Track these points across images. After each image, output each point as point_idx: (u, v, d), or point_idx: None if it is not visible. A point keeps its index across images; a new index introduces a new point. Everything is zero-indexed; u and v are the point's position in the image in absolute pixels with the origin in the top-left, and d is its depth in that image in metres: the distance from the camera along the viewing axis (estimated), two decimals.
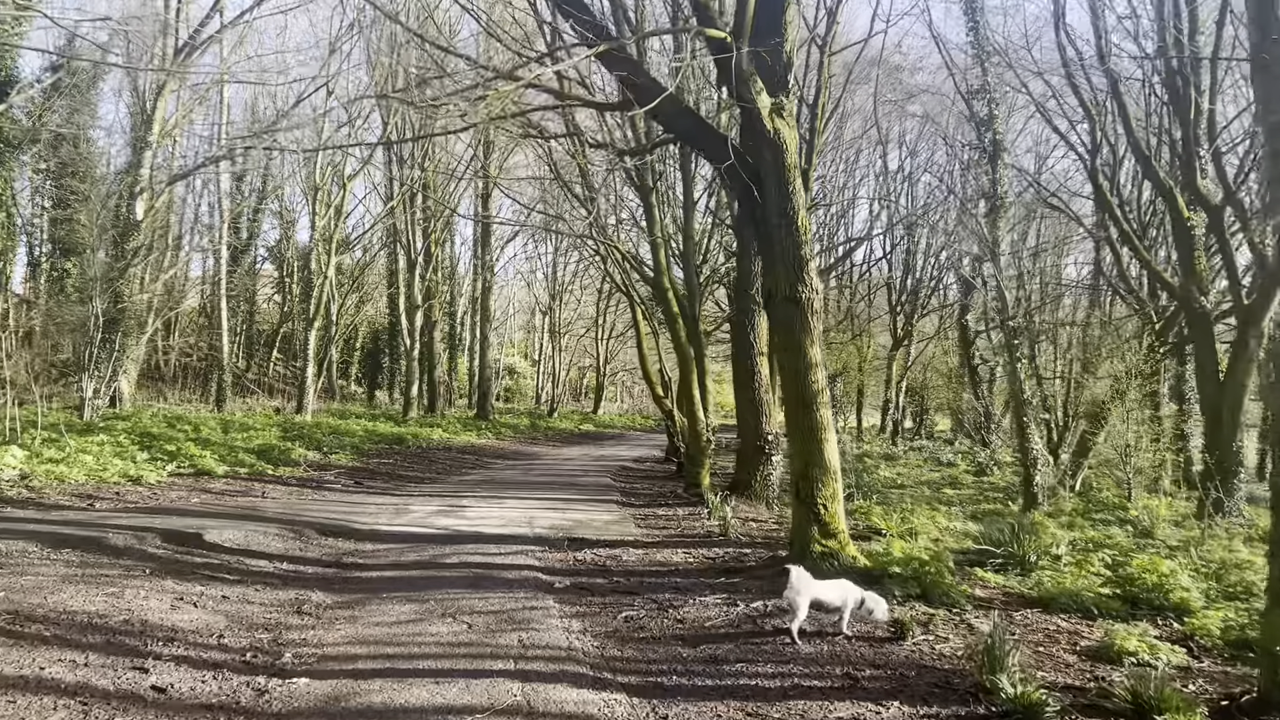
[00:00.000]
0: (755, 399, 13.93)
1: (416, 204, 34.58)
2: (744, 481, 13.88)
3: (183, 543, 8.80)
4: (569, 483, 17.74)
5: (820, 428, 8.32)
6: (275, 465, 16.81)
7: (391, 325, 44.83)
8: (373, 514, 11.90)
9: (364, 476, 16.93)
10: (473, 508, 13.03)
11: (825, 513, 8.24)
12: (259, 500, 12.75)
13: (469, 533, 10.64)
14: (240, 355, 48.19)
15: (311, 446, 20.24)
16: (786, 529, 11.81)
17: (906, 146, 37.35)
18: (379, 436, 24.82)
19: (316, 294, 29.81)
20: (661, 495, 16.04)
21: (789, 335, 8.42)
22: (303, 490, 14.25)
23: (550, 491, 15.86)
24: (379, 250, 45.74)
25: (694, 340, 16.81)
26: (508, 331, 62.70)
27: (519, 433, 34.56)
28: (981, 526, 13.12)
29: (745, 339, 14.10)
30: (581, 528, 11.39)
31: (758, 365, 14.02)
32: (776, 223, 8.41)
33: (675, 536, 11.01)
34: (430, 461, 21.20)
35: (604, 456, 26.46)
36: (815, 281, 8.45)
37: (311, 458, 18.69)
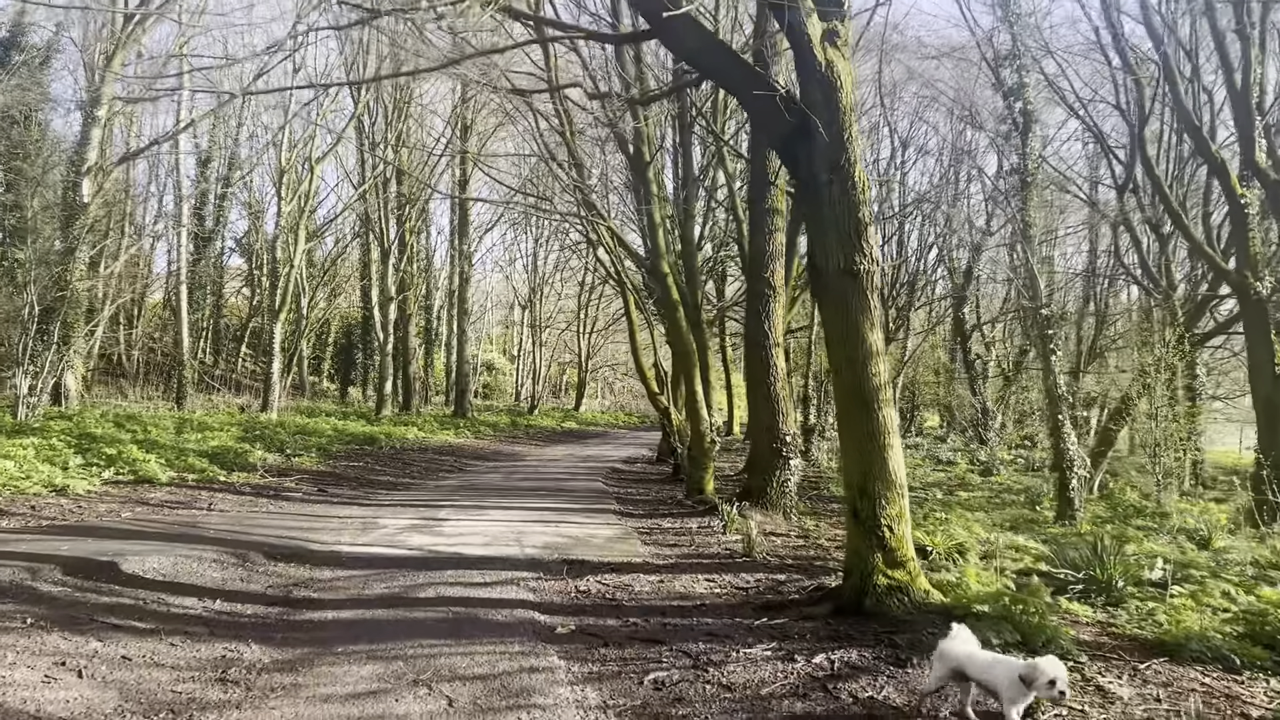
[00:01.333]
0: (770, 395, 12.35)
1: (390, 190, 32.72)
2: (758, 488, 12.29)
3: (91, 575, 7.08)
4: (557, 488, 16.09)
5: (882, 431, 6.75)
6: (229, 470, 15.06)
7: (365, 319, 42.96)
8: (335, 530, 10.21)
9: (329, 482, 15.21)
10: (452, 520, 11.36)
11: (891, 536, 6.67)
12: (203, 513, 11.02)
13: (448, 554, 8.99)
14: (207, 350, 46.14)
15: (273, 448, 18.48)
16: (816, 546, 10.26)
17: (926, 123, 35.65)
18: (349, 436, 23.07)
19: (283, 284, 27.94)
20: (662, 503, 14.44)
21: (843, 317, 6.83)
22: (257, 500, 12.51)
23: (538, 499, 14.22)
24: (351, 240, 43.88)
25: (696, 330, 15.23)
26: (486, 326, 60.87)
27: (499, 431, 32.86)
28: (1028, 539, 11.66)
29: (759, 327, 12.51)
30: (579, 546, 9.76)
31: (773, 357, 12.44)
32: (827, 179, 6.82)
33: (690, 557, 9.40)
34: (404, 464, 19.48)
35: (591, 457, 24.82)
36: (875, 250, 6.87)
37: (272, 461, 16.93)
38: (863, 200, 6.85)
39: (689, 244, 15.41)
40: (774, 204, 12.53)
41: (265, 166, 39.15)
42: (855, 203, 6.81)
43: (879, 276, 6.90)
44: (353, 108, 28.95)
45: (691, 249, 15.54)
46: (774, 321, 12.46)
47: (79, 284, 20.14)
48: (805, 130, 6.91)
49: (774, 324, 12.46)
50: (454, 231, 39.52)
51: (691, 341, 14.90)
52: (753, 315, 12.69)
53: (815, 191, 6.93)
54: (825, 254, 6.90)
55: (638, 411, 59.43)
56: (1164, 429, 18.39)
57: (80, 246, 20.71)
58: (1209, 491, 23.35)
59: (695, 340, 15.04)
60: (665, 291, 14.92)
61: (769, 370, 12.40)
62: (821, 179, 6.86)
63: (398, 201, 34.90)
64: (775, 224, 12.54)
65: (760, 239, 12.58)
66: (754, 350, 12.60)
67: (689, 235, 15.39)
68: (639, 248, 19.97)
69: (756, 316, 12.55)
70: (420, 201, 34.92)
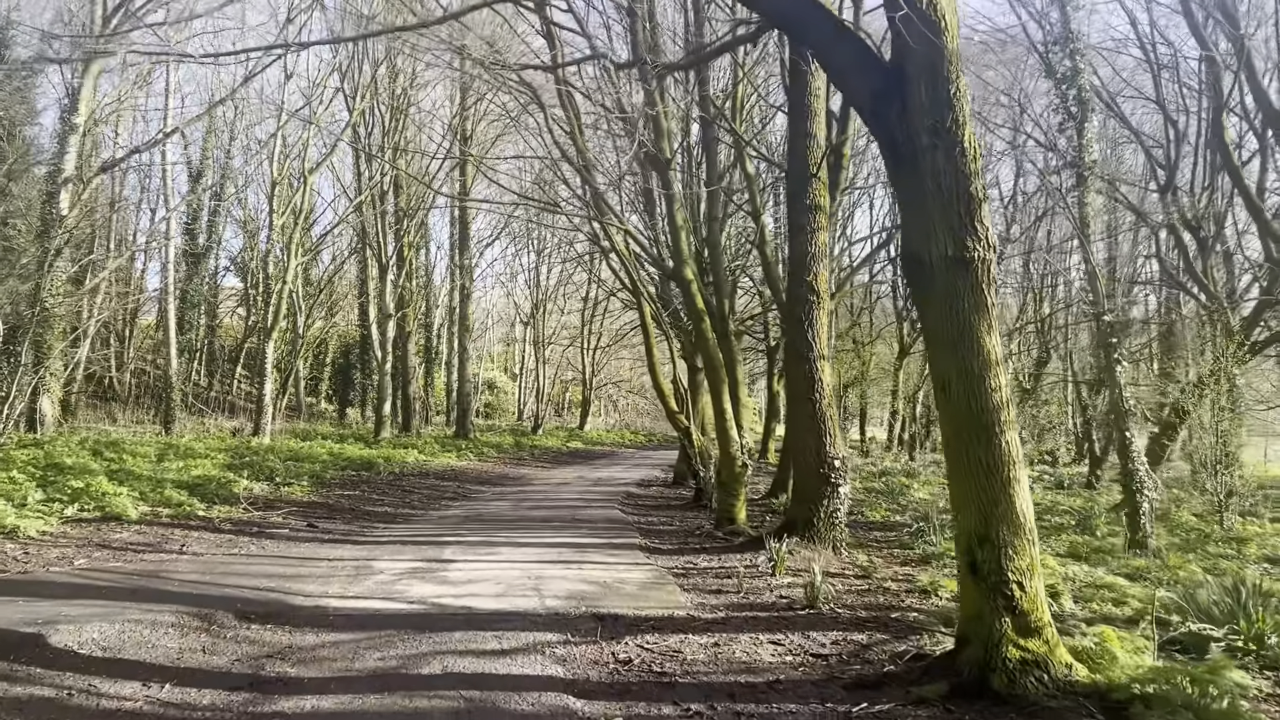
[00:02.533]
0: (816, 413, 10.92)
1: (388, 202, 31.38)
2: (803, 519, 10.85)
3: (6, 653, 5.65)
4: (572, 518, 14.64)
5: (1006, 462, 5.34)
6: (210, 504, 13.61)
7: (363, 338, 41.57)
8: (323, 577, 8.78)
9: (321, 515, 13.76)
10: (458, 561, 9.92)
11: (1022, 595, 5.24)
12: (171, 558, 9.57)
13: (455, 609, 7.55)
14: (201, 372, 44.71)
15: (261, 476, 17.04)
16: (883, 590, 8.82)
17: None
18: (345, 461, 21.62)
19: (276, 301, 26.53)
20: (690, 534, 13.00)
21: (951, 317, 5.44)
22: (236, 539, 11.06)
23: (552, 532, 12.77)
24: (349, 256, 42.57)
25: (723, 342, 13.86)
26: (487, 344, 59.48)
27: (503, 452, 31.40)
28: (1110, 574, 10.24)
29: (802, 337, 11.09)
30: (608, 595, 8.31)
31: (818, 370, 11.01)
32: (928, 143, 5.43)
33: (742, 608, 7.95)
34: (404, 491, 18.02)
35: (602, 480, 23.36)
36: (991, 233, 5.47)
37: (259, 491, 15.48)
38: (974, 170, 5.46)
39: (715, 248, 14.06)
40: (816, 199, 11.16)
41: (260, 183, 37.98)
42: (965, 173, 5.42)
43: (996, 265, 5.49)
44: (348, 116, 27.62)
45: (718, 253, 14.19)
46: (818, 330, 11.05)
47: (54, 301, 18.72)
48: (900, 84, 5.53)
49: (818, 333, 11.05)
50: (454, 246, 38.23)
51: (719, 354, 13.50)
52: (794, 324, 11.27)
53: (913, 161, 5.54)
54: (926, 238, 5.51)
55: (643, 429, 58.02)
56: (1224, 444, 16.98)
57: (56, 261, 19.30)
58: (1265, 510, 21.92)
59: (723, 353, 13.65)
60: (689, 300, 13.54)
61: (814, 385, 10.98)
62: (921, 144, 5.47)
63: (396, 215, 33.59)
64: (818, 222, 11.16)
65: (801, 239, 11.20)
66: (796, 363, 11.18)
67: (714, 239, 14.04)
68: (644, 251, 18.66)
69: (799, 325, 11.13)
70: (419, 215, 33.59)
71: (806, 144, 11.25)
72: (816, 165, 11.18)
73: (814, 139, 11.27)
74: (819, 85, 11.42)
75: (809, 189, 11.19)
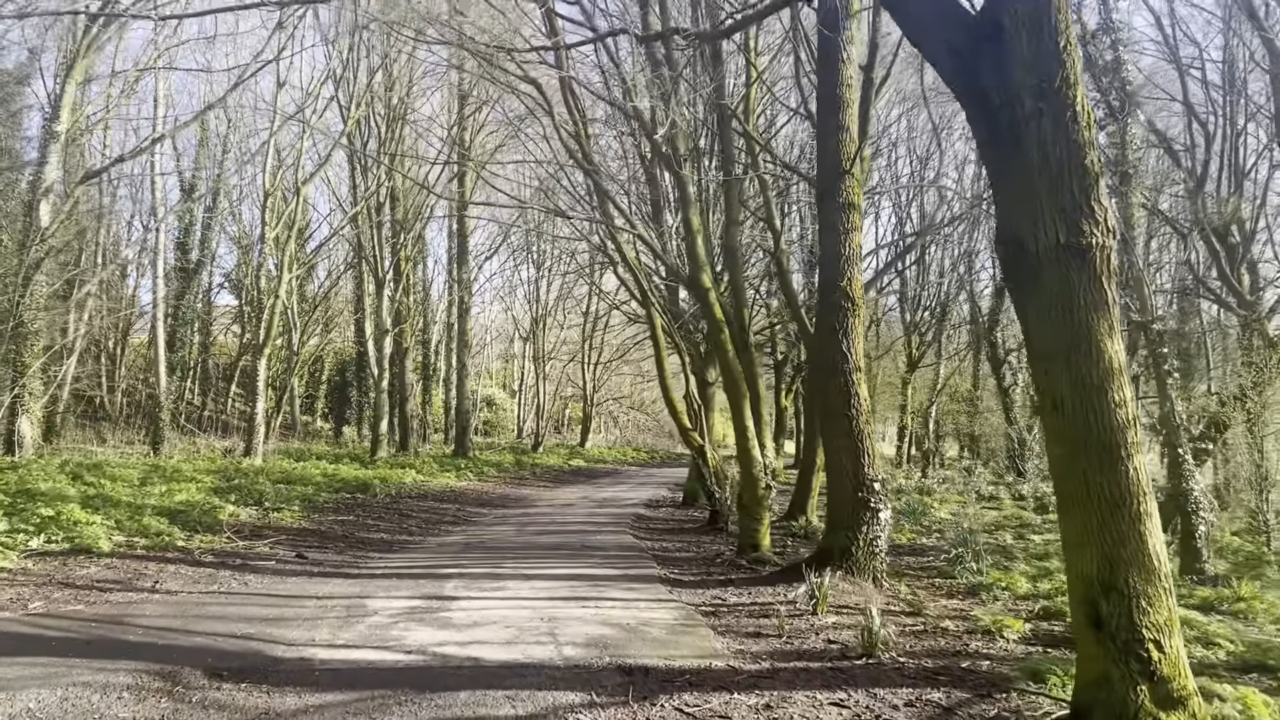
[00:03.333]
0: (852, 431, 9.95)
1: (384, 214, 30.46)
2: (840, 548, 9.85)
3: None
4: (582, 545, 13.63)
5: (1134, 493, 4.38)
6: (191, 532, 12.59)
7: (359, 355, 40.60)
8: (310, 620, 7.78)
9: (311, 544, 12.73)
10: (461, 599, 8.92)
11: (1160, 658, 4.27)
12: (140, 599, 8.55)
13: (460, 661, 6.56)
14: (195, 391, 43.69)
15: (250, 501, 16.03)
16: (941, 632, 7.84)
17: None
18: (340, 483, 20.61)
19: (268, 315, 25.54)
20: (711, 563, 12.00)
21: (1062, 318, 4.49)
22: (217, 574, 10.04)
23: (562, 561, 11.76)
24: (344, 271, 41.60)
25: (744, 354, 12.90)
26: (485, 360, 58.48)
27: (503, 472, 30.37)
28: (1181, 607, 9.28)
29: (835, 349, 10.12)
30: (633, 640, 7.32)
31: (855, 384, 10.05)
32: (1033, 108, 4.51)
33: (788, 655, 6.95)
34: (401, 515, 17.00)
35: (609, 501, 22.35)
36: (1111, 216, 4.53)
37: (245, 518, 14.47)
38: (1088, 139, 4.53)
39: (733, 253, 13.11)
40: (849, 197, 10.23)
41: (254, 197, 37.09)
42: (1078, 142, 4.49)
43: (1116, 256, 4.54)
44: (343, 126, 26.74)
45: (736, 258, 13.24)
46: (854, 341, 10.09)
47: (32, 316, 17.77)
48: (995, 39, 4.60)
49: (854, 344, 10.09)
50: (452, 260, 37.31)
51: (739, 367, 12.54)
52: (826, 333, 10.31)
53: (1013, 130, 4.60)
54: (1031, 223, 4.56)
55: (645, 446, 56.99)
56: (1265, 460, 16.05)
57: (36, 274, 18.35)
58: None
59: (744, 365, 12.69)
60: (707, 309, 12.59)
61: (849, 401, 10.01)
62: (1023, 109, 4.54)
63: (392, 228, 32.69)
64: (851, 222, 10.22)
65: (833, 240, 10.25)
66: (829, 376, 10.21)
67: (732, 243, 13.09)
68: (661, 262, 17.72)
69: (832, 334, 10.17)
70: (417, 228, 32.67)
71: (839, 138, 10.33)
72: (850, 161, 10.26)
73: (847, 132, 10.34)
74: (851, 74, 10.51)
75: (841, 186, 10.26)
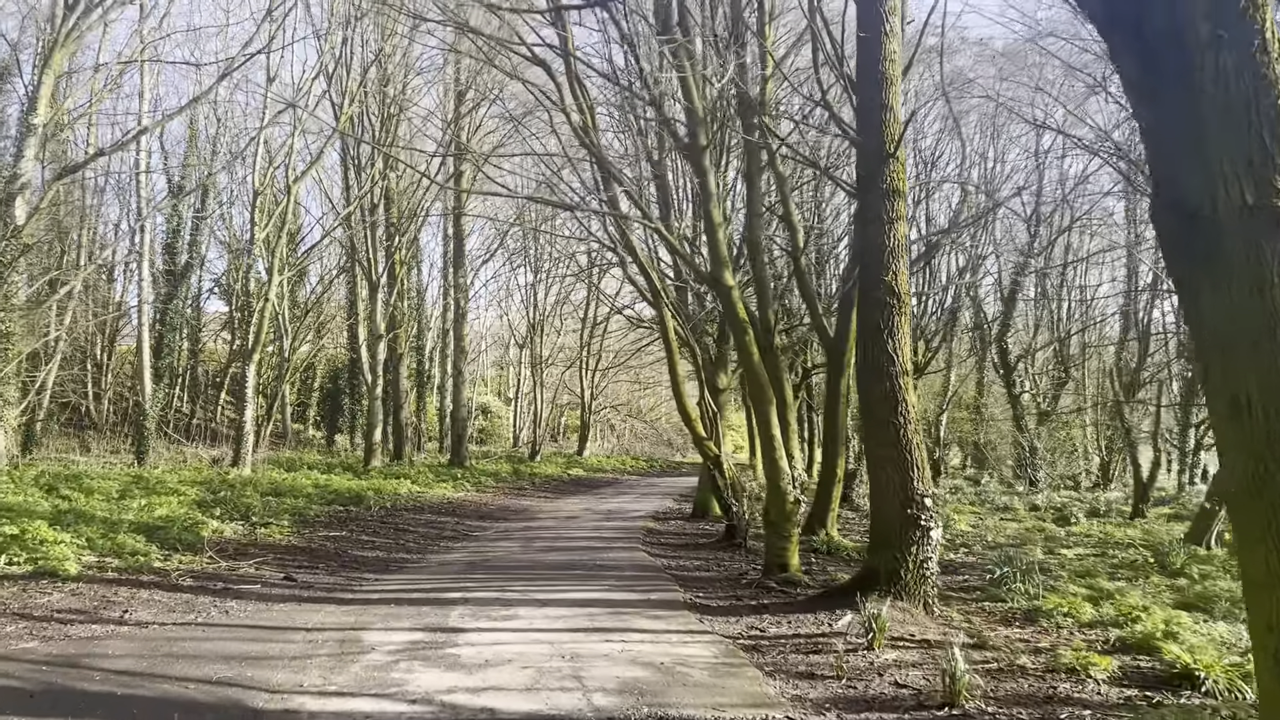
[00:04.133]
0: (900, 441, 9.00)
1: (378, 214, 29.46)
2: (888, 570, 8.89)
3: None
4: (593, 562, 12.64)
5: None
6: (170, 551, 11.57)
7: (352, 362, 39.55)
8: (298, 658, 6.79)
9: (301, 564, 11.73)
10: (468, 631, 7.94)
11: None
12: (106, 633, 7.55)
13: (473, 713, 5.57)
14: (184, 398, 42.53)
15: (235, 515, 15.01)
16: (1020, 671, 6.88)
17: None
18: (332, 494, 19.59)
19: (257, 320, 24.52)
20: (736, 584, 11.02)
21: (1246, 298, 3.56)
22: (195, 601, 9.03)
23: (575, 583, 10.79)
24: (337, 275, 40.57)
25: (768, 358, 11.98)
26: (480, 368, 57.46)
27: (501, 482, 29.35)
28: None
29: (880, 350, 9.18)
30: (670, 684, 6.34)
31: (901, 390, 9.11)
32: (1209, 36, 3.58)
33: (856, 704, 5.98)
34: (397, 530, 16.00)
35: (614, 513, 21.35)
36: None
37: (230, 534, 13.45)
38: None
39: (756, 248, 12.17)
40: (894, 183, 9.31)
41: (244, 200, 36.10)
42: (1269, 79, 3.55)
43: None
44: (335, 123, 25.74)
45: (760, 254, 12.30)
46: (900, 341, 9.15)
47: (4, 319, 16.75)
48: None
49: (901, 344, 9.15)
50: (448, 263, 36.28)
51: (765, 371, 11.59)
52: (869, 333, 9.36)
53: (1182, 66, 3.66)
54: (1205, 182, 3.62)
55: (643, 455, 55.99)
56: None
57: (9, 275, 17.34)
58: None
59: (769, 370, 11.75)
60: (730, 309, 11.64)
61: (897, 407, 9.06)
62: (1196, 38, 3.60)
63: (387, 231, 31.74)
64: (896, 210, 9.30)
65: (876, 231, 9.32)
66: (874, 380, 9.27)
67: (755, 238, 12.15)
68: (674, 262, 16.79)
69: (876, 334, 9.23)
70: (411, 230, 31.70)
71: (881, 117, 9.39)
72: (894, 142, 9.33)
73: (890, 111, 9.41)
74: (894, 48, 9.59)
75: (885, 171, 9.33)
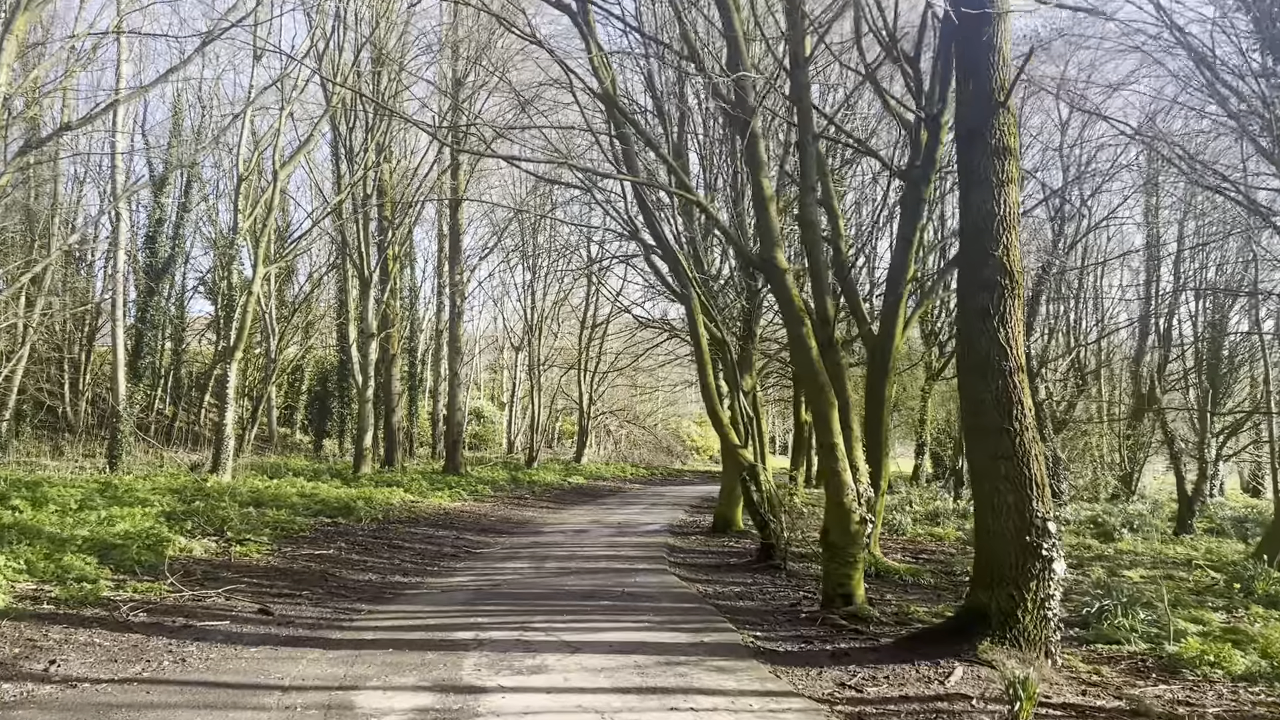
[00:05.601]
0: (1016, 453, 7.32)
1: (370, 205, 27.69)
2: (1002, 610, 7.21)
3: None
4: (619, 589, 10.91)
5: None
6: (126, 575, 9.83)
7: (341, 364, 37.77)
8: None
9: (281, 591, 9.98)
10: (489, 690, 6.21)
11: None
12: (17, 697, 5.79)
13: None
14: (166, 400, 40.64)
15: (209, 529, 13.29)
16: None
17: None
18: (319, 504, 17.85)
19: (240, 315, 22.72)
20: (795, 619, 9.33)
21: None
22: (146, 644, 7.29)
23: (606, 618, 9.09)
24: (326, 272, 38.81)
25: (829, 354, 10.30)
26: (473, 372, 55.61)
27: (499, 490, 27.60)
28: None
29: (990, 340, 7.49)
30: None
31: (1018, 389, 7.43)
32: None
33: None
34: (392, 547, 14.26)
35: (625, 526, 19.63)
36: None
37: (200, 552, 11.70)
38: None
39: (813, 230, 10.48)
40: (1004, 139, 7.67)
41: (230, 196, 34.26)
42: None
43: None
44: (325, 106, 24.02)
45: (816, 237, 10.60)
46: (1014, 330, 7.50)
47: None
48: None
49: (1014, 334, 7.49)
50: (443, 260, 34.55)
51: (824, 371, 9.92)
52: (974, 319, 7.68)
53: None
54: None
55: (642, 462, 54.25)
56: None
57: None
58: None
59: (829, 367, 10.08)
60: (784, 296, 9.97)
61: (1011, 411, 7.38)
62: None
63: (380, 224, 30.01)
64: (1007, 171, 7.64)
65: (983, 196, 7.66)
66: (980, 380, 7.58)
67: (811, 218, 10.47)
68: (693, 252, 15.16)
69: (982, 322, 7.56)
70: (406, 223, 29.94)
71: (989, 60, 7.74)
72: (1004, 90, 7.68)
73: (998, 54, 7.76)
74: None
75: (994, 124, 7.66)
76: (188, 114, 35.27)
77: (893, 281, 14.77)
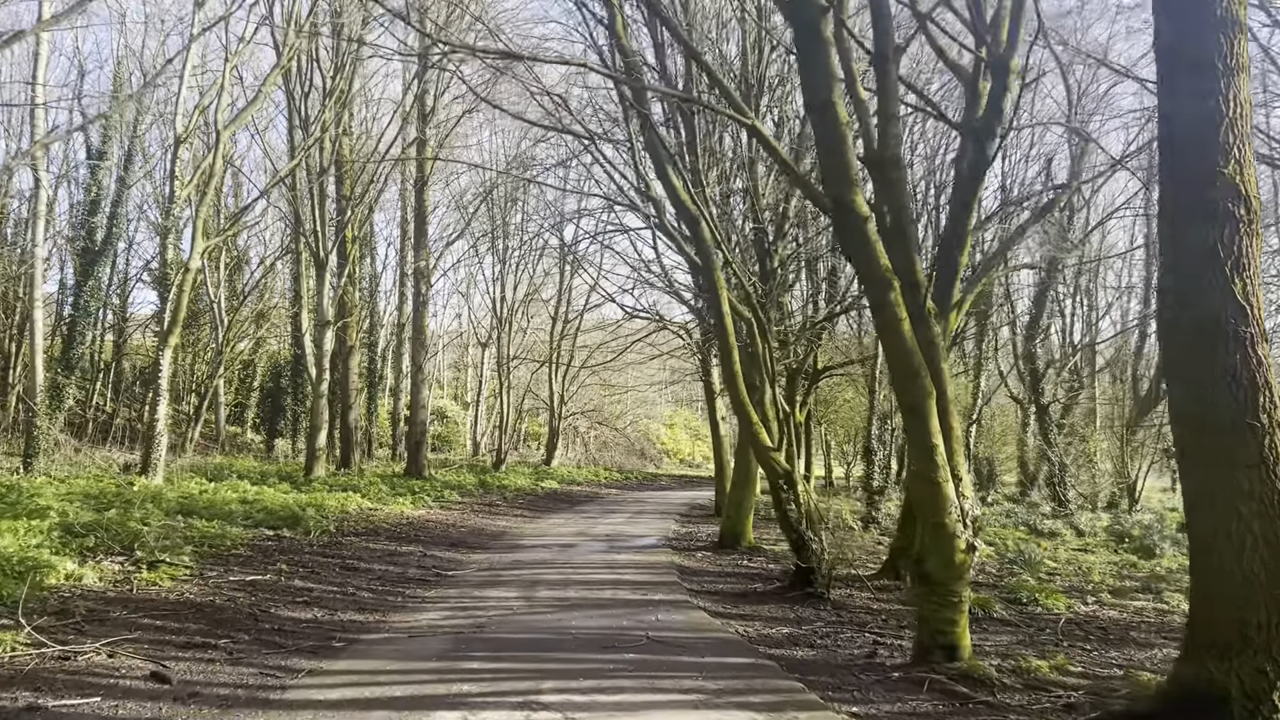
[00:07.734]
0: (1264, 457, 5.00)
1: (327, 180, 24.91)
2: (1254, 691, 4.89)
3: None
4: (642, 633, 8.42)
5: None
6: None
7: (296, 358, 34.81)
8: None
9: (190, 639, 7.36)
10: None
11: None
12: None
13: None
14: (106, 396, 37.39)
15: (116, 545, 10.61)
16: None
17: None
18: (261, 512, 15.16)
19: (175, 293, 19.85)
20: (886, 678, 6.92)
21: None
22: None
23: (637, 682, 6.61)
24: (280, 257, 35.89)
25: (921, 329, 7.93)
26: (436, 369, 52.67)
27: (466, 495, 24.96)
28: None
29: (1214, 287, 5.15)
30: None
31: (1259, 361, 5.12)
32: None
33: None
34: (345, 569, 11.64)
35: (616, 539, 17.15)
36: None
37: (95, 580, 9.02)
38: None
39: (895, 166, 8.13)
40: (1233, 10, 5.36)
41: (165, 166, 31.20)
42: None
43: None
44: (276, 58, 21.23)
45: (900, 174, 8.24)
46: (1252, 280, 5.13)
47: None
48: None
49: (1254, 285, 5.13)
50: (406, 245, 31.79)
51: (917, 350, 7.55)
52: (1195, 260, 5.31)
53: None
54: None
55: (614, 465, 51.74)
56: None
57: None
58: None
59: (923, 348, 7.70)
60: (865, 251, 7.58)
61: (1256, 399, 5.07)
62: None
63: (338, 205, 27.26)
64: (1237, 56, 5.24)
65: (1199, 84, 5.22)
66: (1202, 350, 5.22)
67: (894, 155, 8.12)
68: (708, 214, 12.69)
69: (1209, 264, 5.17)
70: (366, 201, 27.19)
71: None
72: None
73: None
74: None
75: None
76: (128, 83, 32.26)
77: (945, 256, 12.49)
